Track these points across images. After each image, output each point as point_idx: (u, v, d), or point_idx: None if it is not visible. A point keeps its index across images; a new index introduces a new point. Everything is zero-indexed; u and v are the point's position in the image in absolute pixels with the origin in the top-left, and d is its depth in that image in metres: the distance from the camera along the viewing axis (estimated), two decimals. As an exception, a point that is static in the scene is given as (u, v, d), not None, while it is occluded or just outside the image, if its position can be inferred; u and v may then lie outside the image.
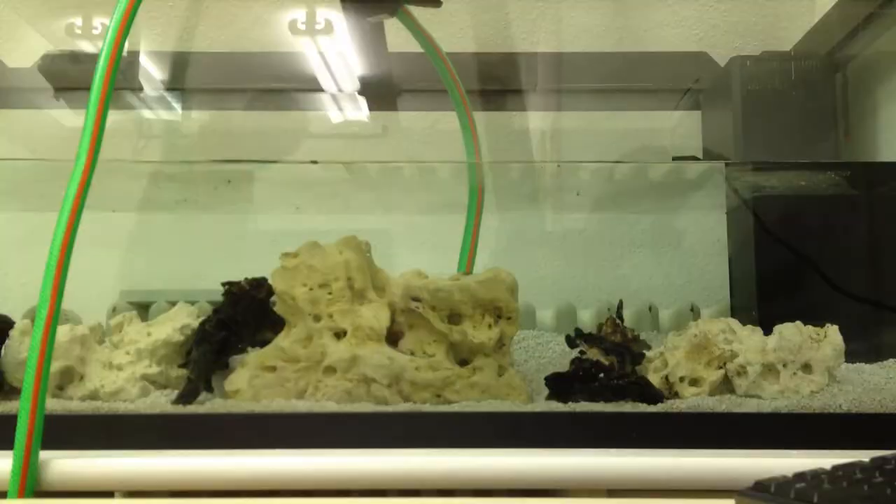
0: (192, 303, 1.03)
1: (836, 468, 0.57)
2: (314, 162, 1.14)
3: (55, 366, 0.89)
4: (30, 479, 0.72)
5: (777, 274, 1.16)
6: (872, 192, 1.18)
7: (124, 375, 0.91)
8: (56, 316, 0.74)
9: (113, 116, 0.79)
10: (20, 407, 0.73)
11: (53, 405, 0.87)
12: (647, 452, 0.77)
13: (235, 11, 1.44)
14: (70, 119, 1.37)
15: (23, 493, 0.72)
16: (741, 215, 1.24)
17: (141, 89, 1.37)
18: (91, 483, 0.75)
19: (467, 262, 1.20)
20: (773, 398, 0.88)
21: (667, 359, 0.93)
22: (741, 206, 1.23)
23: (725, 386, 0.91)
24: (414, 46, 1.21)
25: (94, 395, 0.90)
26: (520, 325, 0.94)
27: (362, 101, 1.40)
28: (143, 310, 1.24)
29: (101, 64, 0.79)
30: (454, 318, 0.92)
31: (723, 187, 1.27)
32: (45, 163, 1.13)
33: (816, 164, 1.16)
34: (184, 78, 1.40)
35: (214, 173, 1.22)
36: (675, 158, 1.28)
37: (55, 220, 0.76)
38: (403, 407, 0.87)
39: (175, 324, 0.95)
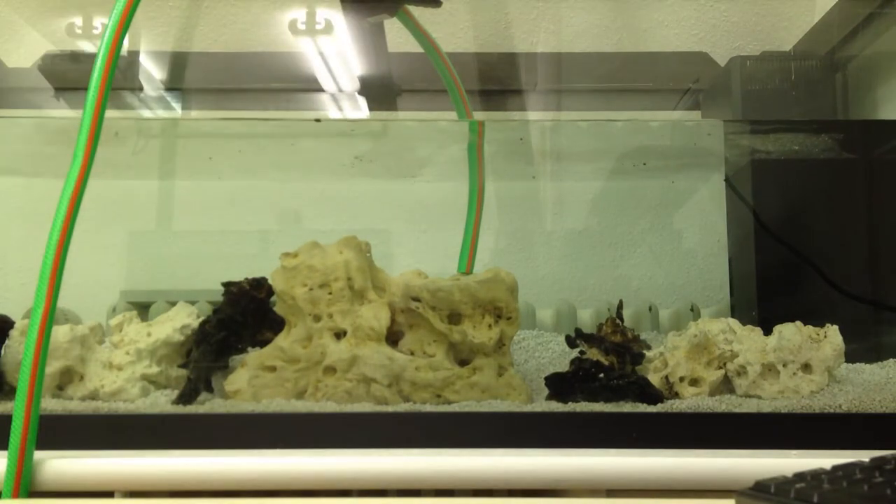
0: (192, 303, 1.03)
1: (836, 468, 0.57)
2: (317, 120, 1.15)
3: (55, 366, 0.89)
4: (24, 480, 0.72)
5: (776, 266, 1.16)
6: (870, 153, 1.18)
7: (124, 375, 0.91)
8: (51, 316, 0.74)
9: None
10: (15, 406, 0.73)
11: (53, 405, 0.87)
12: (647, 452, 0.77)
13: (235, 11, 1.44)
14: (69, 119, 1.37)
15: (17, 494, 0.72)
16: (741, 179, 1.24)
17: (141, 89, 1.37)
18: (86, 483, 0.75)
19: (467, 262, 1.20)
20: (773, 398, 0.88)
21: (667, 359, 0.93)
22: (740, 173, 1.23)
23: (725, 386, 0.91)
24: (414, 46, 1.21)
25: (94, 395, 0.90)
26: (520, 325, 0.94)
27: (362, 101, 1.40)
28: (144, 310, 1.24)
29: (99, 63, 0.79)
30: (454, 318, 0.92)
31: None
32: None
33: (814, 123, 1.16)
34: (184, 78, 1.40)
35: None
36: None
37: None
38: (403, 407, 0.87)
39: (175, 324, 0.95)
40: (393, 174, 1.37)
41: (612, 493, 0.75)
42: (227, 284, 0.95)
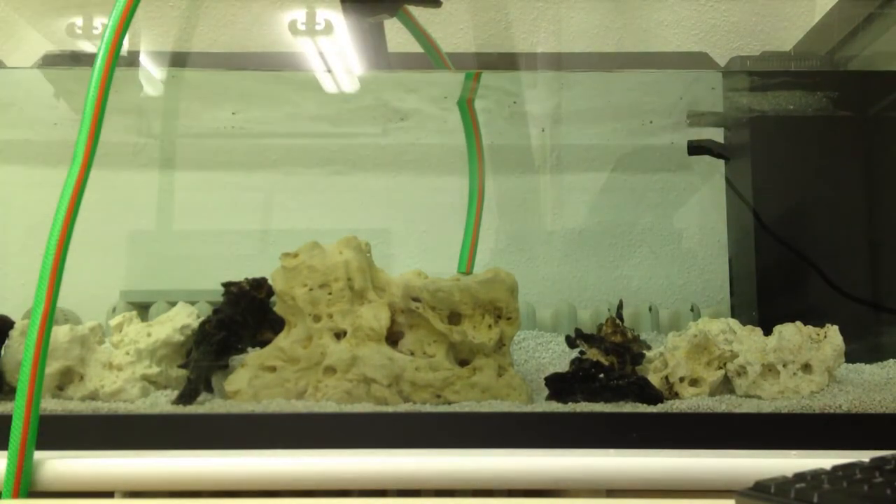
0: (193, 303, 1.03)
1: (836, 468, 0.57)
2: (328, 71, 1.16)
3: (55, 366, 0.89)
4: (24, 480, 0.72)
5: (776, 266, 1.16)
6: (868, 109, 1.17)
7: (124, 375, 0.91)
8: (51, 316, 0.74)
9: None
10: (15, 407, 0.73)
11: (53, 405, 0.87)
12: (647, 452, 0.77)
13: (235, 11, 1.44)
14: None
15: (17, 494, 0.72)
16: (739, 134, 1.24)
17: (141, 89, 1.37)
18: (86, 483, 0.75)
19: (467, 262, 1.20)
20: (773, 398, 0.88)
21: (667, 359, 0.93)
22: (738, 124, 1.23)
23: (725, 386, 0.91)
24: (414, 47, 1.21)
25: (94, 396, 0.90)
26: (520, 326, 0.94)
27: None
28: (143, 310, 1.24)
29: (99, 63, 0.79)
30: (454, 318, 0.92)
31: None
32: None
33: (817, 74, 1.16)
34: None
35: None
36: (690, 145, 1.27)
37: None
38: (403, 407, 0.87)
39: (175, 324, 0.95)
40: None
41: (612, 493, 0.75)
42: (227, 284, 0.95)
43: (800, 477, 0.55)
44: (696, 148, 1.27)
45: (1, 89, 1.33)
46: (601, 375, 0.89)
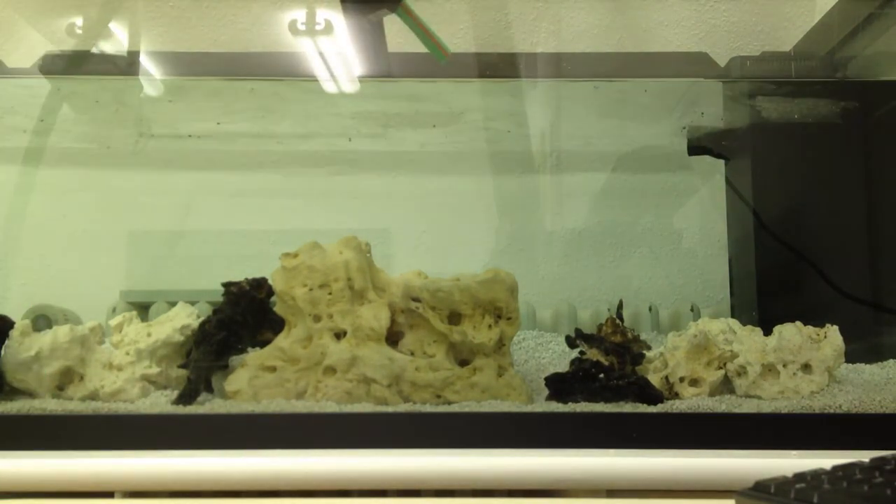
0: (193, 303, 1.03)
1: (836, 468, 0.57)
2: (330, 75, 1.17)
3: (55, 366, 0.89)
4: None
5: (776, 266, 1.16)
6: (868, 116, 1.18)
7: (124, 376, 0.91)
8: None
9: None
10: None
11: (53, 405, 0.87)
12: (647, 452, 0.77)
13: (235, 11, 1.44)
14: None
15: None
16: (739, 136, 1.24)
17: (141, 89, 1.37)
18: (87, 483, 0.75)
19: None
20: (774, 398, 0.88)
21: (667, 359, 0.93)
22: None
23: (725, 386, 0.91)
24: (413, 48, 1.21)
25: (94, 396, 0.90)
26: (520, 326, 0.94)
27: (362, 100, 1.40)
28: (143, 310, 1.24)
29: None
30: (454, 318, 0.92)
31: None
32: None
33: (814, 83, 1.17)
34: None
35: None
36: (690, 145, 1.27)
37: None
38: (403, 407, 0.87)
39: (175, 324, 0.95)
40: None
41: (612, 493, 0.75)
42: (227, 285, 0.95)
43: (800, 477, 0.55)
44: (696, 148, 1.27)
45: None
46: (601, 375, 0.89)
